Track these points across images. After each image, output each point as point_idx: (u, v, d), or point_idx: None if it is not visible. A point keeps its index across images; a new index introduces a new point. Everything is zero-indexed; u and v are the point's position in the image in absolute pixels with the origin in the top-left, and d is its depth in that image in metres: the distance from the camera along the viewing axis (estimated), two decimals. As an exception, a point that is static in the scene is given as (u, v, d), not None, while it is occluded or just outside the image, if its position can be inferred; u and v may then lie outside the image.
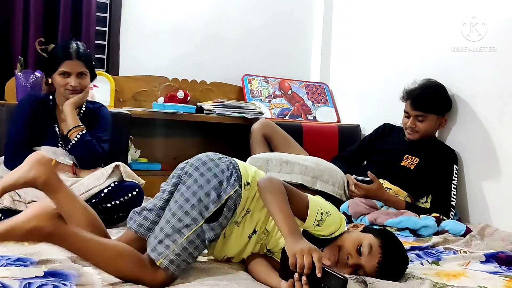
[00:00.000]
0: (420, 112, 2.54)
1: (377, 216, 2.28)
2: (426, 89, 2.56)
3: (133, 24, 3.20)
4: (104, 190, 1.96)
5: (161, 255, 1.31)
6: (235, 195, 1.39)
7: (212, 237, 1.37)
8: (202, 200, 1.36)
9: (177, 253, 1.31)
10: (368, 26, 3.34)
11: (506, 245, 1.98)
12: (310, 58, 3.77)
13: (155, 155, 3.13)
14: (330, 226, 1.41)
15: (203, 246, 1.37)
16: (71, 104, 2.16)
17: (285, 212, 1.31)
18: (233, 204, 1.39)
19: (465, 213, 2.55)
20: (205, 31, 3.41)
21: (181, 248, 1.32)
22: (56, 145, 2.15)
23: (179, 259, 1.31)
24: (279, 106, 3.42)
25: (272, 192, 1.36)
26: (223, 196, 1.37)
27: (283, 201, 1.34)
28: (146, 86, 3.15)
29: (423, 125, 2.56)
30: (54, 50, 2.23)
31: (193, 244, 1.33)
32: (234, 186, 1.39)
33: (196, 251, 1.35)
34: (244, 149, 2.86)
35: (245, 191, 1.43)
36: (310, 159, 2.53)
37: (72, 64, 2.14)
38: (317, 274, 1.17)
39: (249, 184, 1.45)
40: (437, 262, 1.74)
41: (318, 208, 1.41)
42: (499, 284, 1.49)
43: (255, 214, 1.47)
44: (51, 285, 1.21)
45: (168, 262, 1.30)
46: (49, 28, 2.92)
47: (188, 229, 1.33)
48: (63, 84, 2.15)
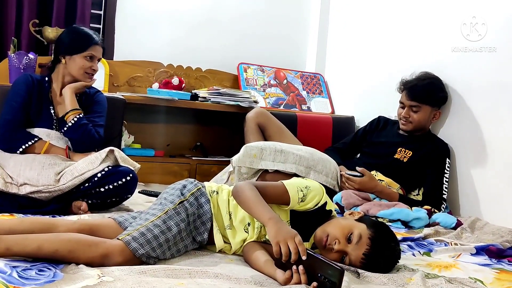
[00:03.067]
0: (415, 102, 2.56)
1: (370, 207, 2.30)
2: (422, 80, 2.58)
3: (129, 8, 3.17)
4: (97, 174, 1.95)
5: (126, 233, 1.36)
6: (197, 192, 1.53)
7: (177, 223, 1.41)
8: (167, 198, 1.50)
9: (141, 232, 1.35)
10: (365, 19, 3.33)
11: (496, 239, 2.00)
12: (306, 48, 3.76)
13: (149, 141, 3.12)
14: (314, 197, 1.50)
15: (171, 234, 1.39)
16: (72, 88, 2.15)
17: (257, 203, 1.40)
18: (196, 199, 1.50)
19: (456, 206, 2.58)
20: (201, 17, 3.39)
21: (145, 229, 1.37)
22: (51, 127, 2.13)
23: (142, 238, 1.34)
24: (274, 96, 3.41)
25: (241, 193, 1.45)
26: (186, 193, 1.51)
27: (253, 196, 1.42)
28: (141, 71, 3.13)
29: (417, 115, 2.58)
30: (79, 32, 2.22)
31: (158, 228, 1.38)
32: (196, 186, 1.55)
33: (162, 235, 1.37)
34: (238, 137, 2.86)
35: (212, 197, 1.55)
36: (304, 149, 2.54)
37: (98, 49, 2.20)
38: (302, 256, 1.21)
39: (216, 193, 1.57)
40: (428, 253, 1.76)
41: (296, 187, 1.50)
42: (489, 276, 1.51)
43: (238, 213, 1.52)
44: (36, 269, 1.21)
45: (130, 238, 1.33)
46: (43, 10, 2.88)
47: (155, 216, 1.42)
48: (87, 67, 2.16)
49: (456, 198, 2.59)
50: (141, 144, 3.03)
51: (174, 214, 1.44)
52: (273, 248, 1.27)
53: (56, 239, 1.29)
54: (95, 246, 1.29)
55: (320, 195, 1.52)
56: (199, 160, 3.08)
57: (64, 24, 2.87)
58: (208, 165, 3.07)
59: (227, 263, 1.42)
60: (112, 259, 1.29)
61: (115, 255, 1.29)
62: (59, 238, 1.30)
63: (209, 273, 1.27)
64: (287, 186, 1.50)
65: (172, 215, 1.43)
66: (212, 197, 1.56)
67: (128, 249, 1.30)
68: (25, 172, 1.95)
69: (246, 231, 1.51)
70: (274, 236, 1.28)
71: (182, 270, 1.26)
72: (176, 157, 3.12)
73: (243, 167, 2.37)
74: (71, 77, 2.18)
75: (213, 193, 1.57)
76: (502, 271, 1.58)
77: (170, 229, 1.40)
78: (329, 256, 1.39)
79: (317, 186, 1.54)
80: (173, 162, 3.01)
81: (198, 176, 2.96)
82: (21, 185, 1.92)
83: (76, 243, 1.28)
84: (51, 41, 2.71)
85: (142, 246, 1.33)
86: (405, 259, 1.60)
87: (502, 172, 2.38)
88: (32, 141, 2.06)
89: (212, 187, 1.60)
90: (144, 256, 1.32)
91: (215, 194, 1.57)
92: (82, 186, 1.96)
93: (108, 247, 1.30)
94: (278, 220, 1.34)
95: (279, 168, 2.38)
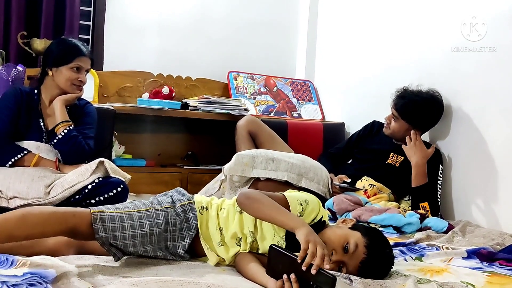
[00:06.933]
0: (396, 112, 2.57)
1: (361, 213, 2.30)
2: (415, 95, 2.53)
3: (117, 18, 3.17)
4: (88, 186, 1.94)
5: (97, 208, 1.38)
6: (188, 206, 1.50)
7: (152, 225, 1.40)
8: (157, 198, 1.51)
9: (112, 217, 1.36)
10: (353, 25, 3.36)
11: (487, 242, 2.01)
12: (296, 55, 3.77)
13: (140, 151, 3.11)
14: (312, 212, 1.48)
15: (140, 231, 1.39)
16: (62, 101, 2.14)
17: (281, 210, 1.38)
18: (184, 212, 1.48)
19: (448, 210, 2.58)
20: (191, 27, 3.40)
21: (118, 215, 1.38)
22: (40, 139, 2.12)
23: (110, 223, 1.35)
24: (264, 103, 3.42)
25: (255, 201, 1.42)
26: (176, 203, 1.50)
27: (272, 203, 1.40)
28: (131, 81, 3.12)
29: (393, 124, 2.60)
30: (65, 44, 2.21)
31: (130, 220, 1.38)
32: (189, 199, 1.52)
33: (130, 229, 1.37)
34: (229, 146, 2.86)
35: (201, 215, 1.51)
36: (296, 156, 2.54)
37: (86, 60, 2.19)
38: (312, 271, 1.19)
39: (206, 209, 1.53)
40: (420, 258, 1.76)
41: (296, 200, 1.47)
42: (481, 280, 1.52)
43: (229, 228, 1.49)
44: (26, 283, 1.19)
45: (99, 217, 1.35)
46: (32, 21, 2.87)
47: (135, 208, 1.43)
48: (73, 78, 2.15)
49: (449, 202, 2.59)
50: (132, 154, 3.02)
51: (153, 215, 1.43)
52: (302, 245, 1.24)
53: (27, 225, 1.30)
54: (65, 222, 1.33)
55: (317, 210, 1.49)
56: (191, 169, 3.08)
57: (52, 35, 2.86)
58: (200, 174, 3.06)
59: (219, 273, 1.41)
60: (79, 232, 1.34)
61: (82, 227, 1.34)
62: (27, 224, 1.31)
63: (201, 284, 1.26)
64: (288, 198, 1.47)
65: (151, 215, 1.43)
66: (202, 214, 1.52)
67: (91, 223, 1.34)
68: (15, 185, 1.93)
69: (238, 245, 1.49)
70: (307, 235, 1.26)
71: (174, 282, 1.25)
72: (168, 166, 3.11)
73: (235, 175, 2.36)
74: (59, 89, 2.17)
75: (203, 210, 1.52)
76: (493, 275, 1.59)
77: (143, 227, 1.40)
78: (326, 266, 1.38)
79: (315, 201, 1.51)
80: (165, 172, 3.00)
81: (190, 185, 2.95)
82: (11, 199, 1.91)
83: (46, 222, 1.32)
84: (39, 53, 2.70)
85: (105, 230, 1.34)
86: (397, 264, 1.60)
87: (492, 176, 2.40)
88: (21, 154, 2.05)
89: (202, 202, 1.55)
90: (101, 239, 1.34)
91: (204, 210, 1.53)
92: (73, 198, 1.94)
93: (77, 222, 1.34)
94: (311, 228, 1.32)
95: (271, 176, 2.38)
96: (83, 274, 1.30)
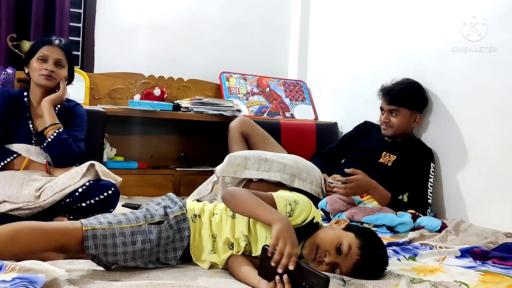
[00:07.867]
0: (393, 106, 2.59)
1: (355, 212, 2.30)
2: (400, 84, 2.63)
3: (108, 20, 3.15)
4: (78, 189, 1.92)
5: (90, 224, 1.34)
6: (181, 216, 1.47)
7: (144, 241, 1.38)
8: (150, 210, 1.47)
9: (104, 234, 1.33)
10: (345, 25, 3.36)
11: (480, 240, 2.02)
12: (288, 55, 3.77)
13: (132, 153, 3.10)
14: (302, 213, 1.44)
15: (132, 248, 1.36)
16: (49, 102, 2.10)
17: (261, 205, 1.37)
18: (177, 223, 1.45)
19: (441, 209, 2.59)
20: (182, 28, 3.38)
21: (110, 232, 1.35)
22: (30, 142, 2.09)
23: (101, 240, 1.32)
24: (257, 104, 3.41)
25: (237, 197, 1.42)
26: (169, 214, 1.46)
27: (254, 198, 1.40)
28: (122, 83, 3.10)
29: (396, 119, 2.60)
30: (37, 39, 2.18)
31: (123, 236, 1.36)
32: (182, 210, 1.48)
33: (122, 246, 1.35)
34: (222, 147, 2.85)
35: (194, 223, 1.49)
36: (289, 157, 2.53)
37: (52, 49, 2.11)
38: (289, 266, 1.19)
39: (199, 217, 1.51)
40: (413, 257, 1.76)
41: (285, 200, 1.45)
42: (474, 279, 1.51)
43: (223, 234, 1.48)
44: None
45: (91, 234, 1.32)
46: (21, 24, 2.85)
47: (128, 223, 1.39)
48: (39, 69, 2.09)
49: (441, 201, 2.60)
50: (124, 156, 3.00)
51: (146, 231, 1.40)
52: (271, 241, 1.24)
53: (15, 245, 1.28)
54: (55, 241, 1.30)
55: (308, 210, 1.46)
56: (184, 171, 3.06)
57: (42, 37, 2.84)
58: (192, 175, 3.05)
59: (211, 276, 1.40)
60: (70, 249, 1.34)
61: (73, 245, 1.32)
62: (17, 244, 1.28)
63: (193, 287, 1.25)
64: (276, 198, 1.45)
65: (144, 230, 1.39)
66: (195, 222, 1.49)
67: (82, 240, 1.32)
68: (4, 189, 1.91)
69: (230, 248, 1.47)
70: (279, 231, 1.25)
71: (165, 285, 1.24)
72: (160, 168, 3.10)
73: (227, 176, 2.35)
74: (36, 86, 2.14)
75: (195, 218, 1.50)
76: (486, 273, 1.59)
77: (134, 243, 1.37)
78: (320, 268, 1.37)
79: (305, 201, 1.48)
80: (157, 174, 2.99)
81: (183, 187, 2.93)
82: (1, 203, 1.89)
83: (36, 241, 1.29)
84: (29, 55, 2.67)
85: (96, 247, 1.32)
86: (390, 264, 1.59)
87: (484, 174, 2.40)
88: (11, 157, 2.02)
89: (194, 209, 1.52)
90: (91, 255, 1.33)
91: (197, 218, 1.50)
92: (63, 202, 1.92)
93: (67, 240, 1.31)
94: (289, 223, 1.31)
95: (263, 177, 2.37)
96: (73, 279, 1.28)
